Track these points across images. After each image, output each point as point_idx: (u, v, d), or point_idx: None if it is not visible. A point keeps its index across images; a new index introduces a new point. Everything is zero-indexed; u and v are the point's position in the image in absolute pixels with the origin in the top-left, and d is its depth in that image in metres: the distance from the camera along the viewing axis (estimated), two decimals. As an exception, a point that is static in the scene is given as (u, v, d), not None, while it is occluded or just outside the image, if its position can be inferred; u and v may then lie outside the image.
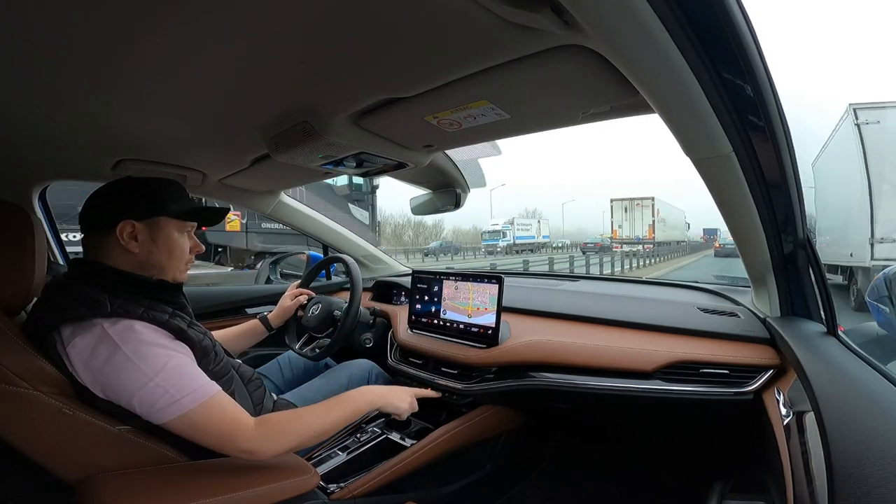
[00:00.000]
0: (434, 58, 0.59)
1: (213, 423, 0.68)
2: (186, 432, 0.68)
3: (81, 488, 0.64)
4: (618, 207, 20.65)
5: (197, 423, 0.67)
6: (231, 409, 0.71)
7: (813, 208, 7.93)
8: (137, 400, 0.65)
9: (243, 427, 0.69)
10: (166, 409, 0.65)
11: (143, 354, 0.66)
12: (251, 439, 0.69)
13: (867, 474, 0.41)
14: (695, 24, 0.47)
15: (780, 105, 0.60)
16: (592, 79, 0.61)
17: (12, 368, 0.61)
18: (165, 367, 0.66)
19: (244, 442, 0.69)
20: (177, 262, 0.80)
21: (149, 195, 0.77)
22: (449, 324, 1.19)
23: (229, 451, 0.69)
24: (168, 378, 0.66)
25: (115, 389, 0.65)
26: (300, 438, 0.74)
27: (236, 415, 0.71)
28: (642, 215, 20.15)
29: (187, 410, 0.66)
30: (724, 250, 17.90)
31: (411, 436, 1.11)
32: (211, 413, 0.68)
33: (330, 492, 0.92)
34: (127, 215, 0.74)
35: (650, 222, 19.74)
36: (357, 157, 0.97)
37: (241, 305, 1.63)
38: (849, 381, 0.61)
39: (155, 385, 0.65)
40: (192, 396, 0.67)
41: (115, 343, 0.65)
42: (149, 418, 0.66)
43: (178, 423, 0.67)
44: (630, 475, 1.32)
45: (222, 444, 0.69)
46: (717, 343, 0.93)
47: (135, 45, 0.56)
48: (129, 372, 0.64)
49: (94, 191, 0.77)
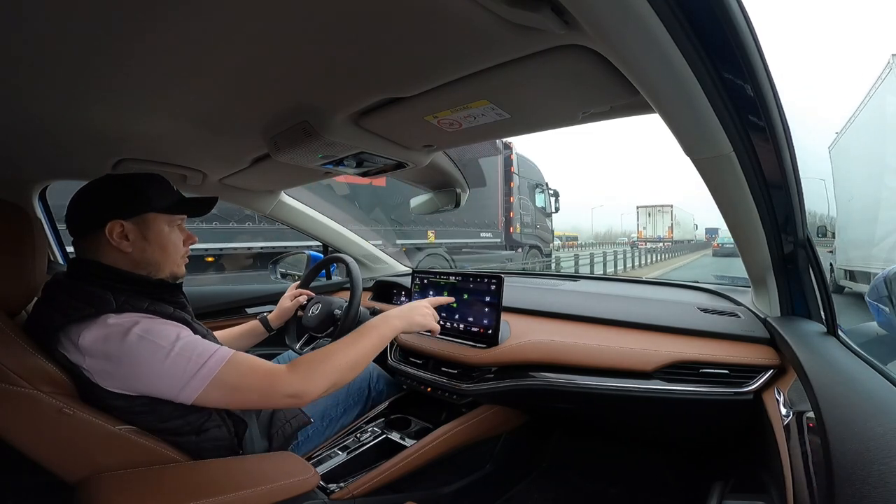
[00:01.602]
0: (434, 58, 0.59)
1: (248, 378, 0.68)
2: (225, 398, 0.67)
3: (81, 488, 0.64)
4: (643, 213, 25.59)
5: (232, 383, 0.66)
6: (259, 362, 0.71)
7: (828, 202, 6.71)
8: (167, 374, 0.64)
9: (279, 373, 0.69)
10: (195, 377, 0.64)
11: (154, 331, 0.66)
12: (291, 382, 0.69)
13: (867, 474, 0.41)
14: (695, 24, 0.47)
15: (780, 105, 0.60)
16: (592, 79, 0.61)
17: (13, 368, 0.61)
18: (179, 337, 0.67)
19: (286, 386, 0.68)
20: (172, 256, 0.80)
21: (132, 192, 0.76)
22: (449, 323, 1.19)
23: (276, 400, 0.69)
24: (186, 347, 0.66)
25: (139, 374, 0.65)
26: (338, 372, 0.74)
27: (266, 365, 0.71)
28: (662, 219, 25.10)
29: (217, 372, 0.65)
30: (722, 250, 18.28)
31: (411, 436, 1.11)
32: (242, 368, 0.68)
33: (330, 492, 0.92)
34: (113, 215, 0.73)
35: (669, 225, 24.41)
36: (357, 157, 0.97)
37: (241, 305, 1.63)
38: (849, 381, 0.61)
39: (176, 355, 0.65)
40: (216, 357, 0.66)
41: (125, 328, 0.65)
42: (182, 394, 0.65)
43: (213, 391, 0.65)
44: (630, 475, 1.32)
45: (267, 397, 0.69)
46: (718, 343, 0.94)
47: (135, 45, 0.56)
48: (146, 349, 0.64)
49: (76, 193, 0.76)
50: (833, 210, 6.75)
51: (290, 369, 0.70)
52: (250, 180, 1.32)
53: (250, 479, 0.71)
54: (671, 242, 21.67)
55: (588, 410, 1.11)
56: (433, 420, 1.16)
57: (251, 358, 0.71)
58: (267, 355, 1.38)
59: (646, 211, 25.78)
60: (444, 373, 1.17)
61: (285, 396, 0.69)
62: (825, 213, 6.93)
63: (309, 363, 0.73)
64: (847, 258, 6.33)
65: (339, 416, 1.10)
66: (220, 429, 0.76)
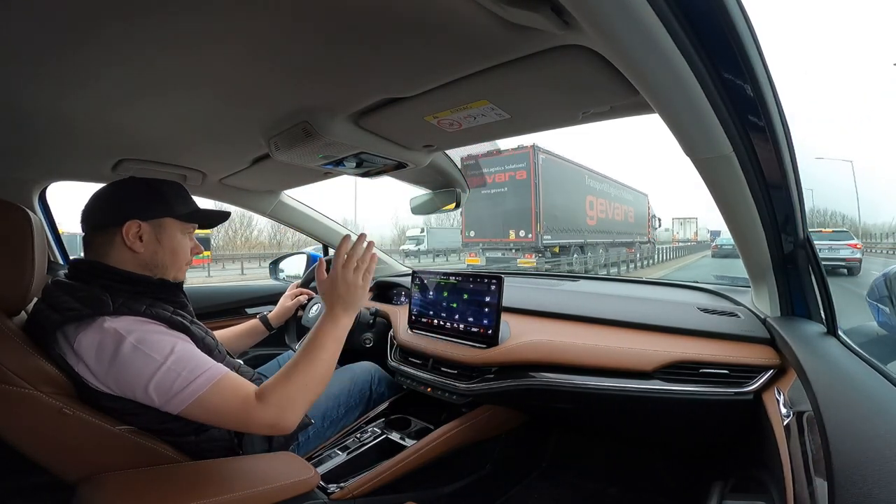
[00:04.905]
0: (434, 58, 0.59)
1: (229, 404, 0.67)
2: (206, 417, 0.68)
3: (81, 488, 0.64)
4: (676, 223, 37.91)
5: (213, 407, 0.67)
6: (242, 389, 0.69)
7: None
8: (154, 387, 0.64)
9: (253, 405, 0.68)
10: (180, 393, 0.65)
11: (149, 342, 0.66)
12: (265, 416, 0.68)
13: (867, 474, 0.41)
14: (695, 24, 0.47)
15: (780, 105, 0.60)
16: (592, 79, 0.61)
17: (13, 368, 0.61)
18: (174, 351, 0.67)
19: (260, 419, 0.68)
20: (179, 262, 0.81)
21: (156, 196, 0.77)
22: (449, 324, 1.19)
23: (255, 430, 0.71)
24: (178, 362, 0.66)
25: (129, 381, 0.65)
26: (311, 393, 0.72)
27: (244, 392, 0.69)
28: (689, 228, 37.61)
29: (202, 393, 0.66)
30: (721, 251, 18.64)
31: (411, 436, 1.11)
32: (225, 394, 0.68)
33: (330, 492, 0.92)
34: (133, 215, 0.74)
35: (694, 230, 37.51)
36: (357, 157, 0.97)
37: (241, 305, 1.63)
38: (849, 381, 0.61)
39: (167, 369, 0.65)
40: (203, 378, 0.66)
41: (120, 335, 0.65)
42: (166, 406, 0.66)
43: (196, 410, 0.66)
44: (630, 475, 1.32)
45: (245, 426, 0.70)
46: (717, 343, 0.93)
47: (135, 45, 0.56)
48: (139, 361, 0.64)
49: (98, 190, 0.77)
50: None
51: (261, 402, 0.68)
52: (250, 180, 1.33)
53: (250, 479, 0.71)
54: (696, 243, 32.50)
55: (588, 411, 1.11)
56: (433, 420, 1.16)
57: (239, 384, 0.70)
58: (267, 355, 1.39)
59: (678, 221, 39.02)
60: (444, 373, 1.17)
61: (263, 427, 0.69)
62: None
63: (280, 393, 0.69)
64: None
65: (341, 417, 1.10)
66: (220, 429, 0.76)
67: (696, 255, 23.14)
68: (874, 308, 1.80)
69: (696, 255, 23.14)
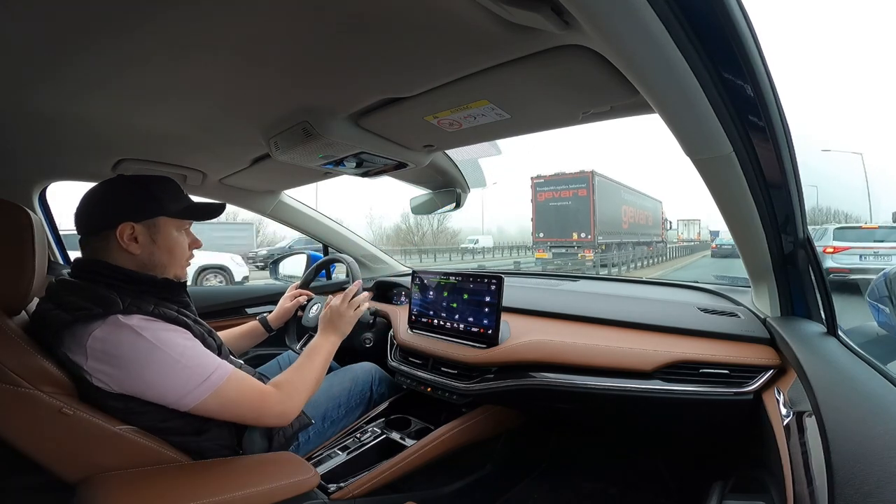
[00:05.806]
0: (434, 58, 0.59)
1: (245, 395, 0.73)
2: (220, 409, 0.71)
3: (82, 488, 0.64)
4: (681, 224, 39.34)
5: (231, 398, 0.71)
6: (254, 382, 0.76)
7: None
8: (171, 383, 0.67)
9: (270, 393, 0.76)
10: (199, 388, 0.68)
11: (164, 340, 0.68)
12: (279, 402, 0.76)
13: (867, 474, 0.41)
14: (695, 24, 0.47)
15: (780, 105, 0.60)
16: (592, 79, 0.61)
17: (13, 368, 0.61)
18: (186, 349, 0.69)
19: (276, 405, 0.76)
20: (178, 260, 0.80)
21: (146, 195, 0.76)
22: (449, 324, 1.19)
23: (266, 419, 0.76)
24: (192, 359, 0.69)
25: (143, 379, 0.66)
26: (310, 391, 0.84)
27: (259, 385, 0.76)
28: (693, 228, 39.48)
29: (218, 387, 0.69)
30: (720, 251, 18.79)
31: (411, 436, 1.11)
32: (240, 385, 0.73)
33: (330, 492, 0.92)
34: (126, 217, 0.73)
35: (697, 231, 39.46)
36: (357, 157, 0.97)
37: (241, 305, 1.63)
38: (849, 381, 0.61)
39: (182, 367, 0.67)
40: (218, 373, 0.70)
41: (136, 332, 0.66)
42: (181, 402, 0.68)
43: (212, 402, 0.69)
44: (630, 475, 1.32)
45: (259, 415, 0.75)
46: (717, 343, 0.93)
47: (135, 45, 0.56)
48: (156, 358, 0.66)
49: (88, 192, 0.76)
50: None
51: (277, 390, 0.77)
52: (250, 180, 1.33)
53: (250, 479, 0.71)
54: (699, 242, 34.64)
55: (588, 411, 1.11)
56: (433, 420, 1.16)
57: (247, 377, 0.76)
58: (267, 355, 1.39)
59: (682, 222, 40.94)
60: (444, 373, 1.17)
61: (274, 416, 0.76)
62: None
63: (291, 384, 0.80)
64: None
65: (341, 417, 1.10)
66: (221, 429, 0.76)
67: (697, 255, 24.12)
68: (874, 308, 1.80)
69: (697, 255, 24.12)
